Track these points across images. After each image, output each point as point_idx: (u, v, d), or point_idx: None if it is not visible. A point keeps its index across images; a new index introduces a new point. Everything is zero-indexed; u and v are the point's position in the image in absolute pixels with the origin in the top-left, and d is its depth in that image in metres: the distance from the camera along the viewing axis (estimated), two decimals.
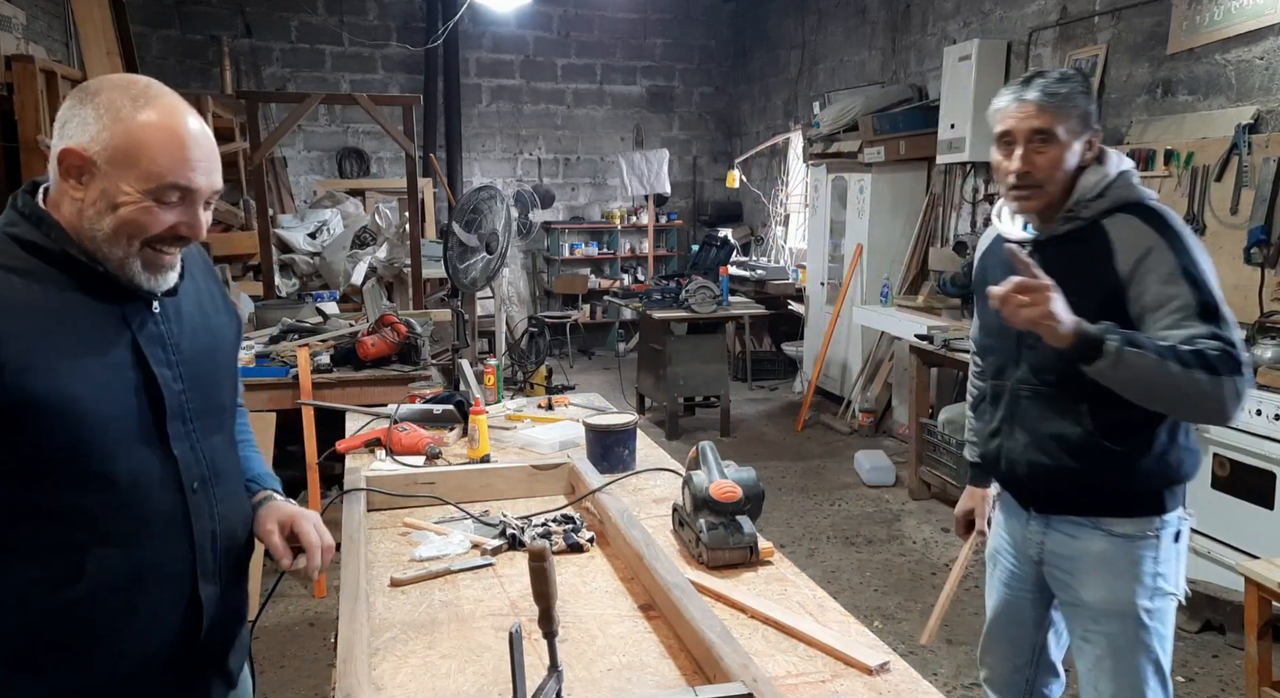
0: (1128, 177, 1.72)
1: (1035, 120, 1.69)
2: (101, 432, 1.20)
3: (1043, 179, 1.70)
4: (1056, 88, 1.69)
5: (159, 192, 1.19)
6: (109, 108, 1.18)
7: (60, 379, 1.16)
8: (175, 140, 1.20)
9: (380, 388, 3.61)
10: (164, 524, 1.28)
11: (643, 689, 1.28)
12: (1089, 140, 1.73)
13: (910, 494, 4.96)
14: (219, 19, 8.33)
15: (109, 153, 1.18)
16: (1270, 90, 3.90)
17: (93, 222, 1.20)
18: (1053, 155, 1.69)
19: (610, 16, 9.50)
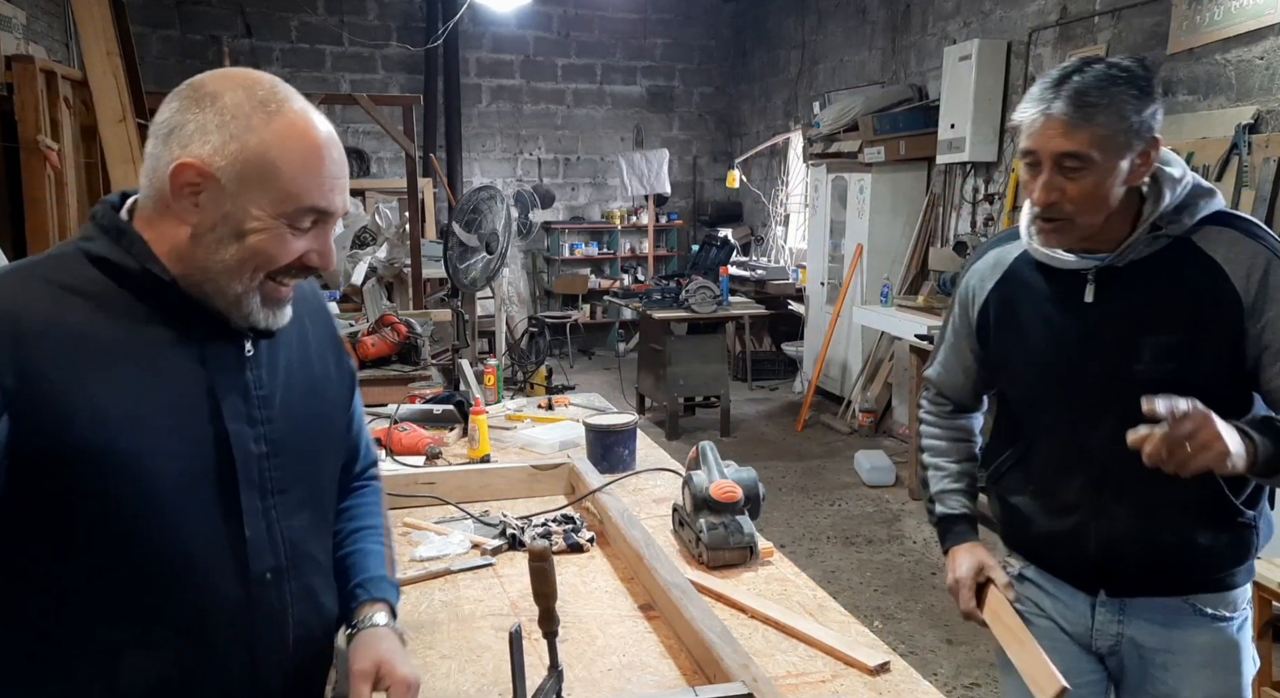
0: (1198, 179, 1.40)
1: (1063, 141, 1.29)
2: (157, 498, 0.97)
3: (1072, 212, 1.34)
4: (1095, 97, 1.28)
5: (295, 216, 1.01)
6: (236, 115, 0.98)
7: (110, 427, 0.94)
8: (314, 155, 1.01)
9: (380, 388, 3.61)
10: (222, 624, 1.03)
11: (643, 689, 1.28)
12: (1144, 152, 1.32)
13: (910, 494, 4.96)
14: (219, 19, 8.33)
15: (238, 169, 0.98)
16: (1270, 90, 3.90)
17: (211, 250, 0.99)
18: (1086, 185, 1.31)
19: (610, 16, 9.50)
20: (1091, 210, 1.34)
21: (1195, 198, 1.37)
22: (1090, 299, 1.41)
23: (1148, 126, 1.31)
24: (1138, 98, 1.30)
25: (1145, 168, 1.34)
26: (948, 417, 1.70)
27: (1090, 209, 1.33)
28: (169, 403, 0.99)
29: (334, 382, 1.21)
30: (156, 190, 1.00)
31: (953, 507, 1.65)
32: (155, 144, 0.99)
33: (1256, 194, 3.79)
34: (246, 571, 1.04)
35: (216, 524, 1.02)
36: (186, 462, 0.99)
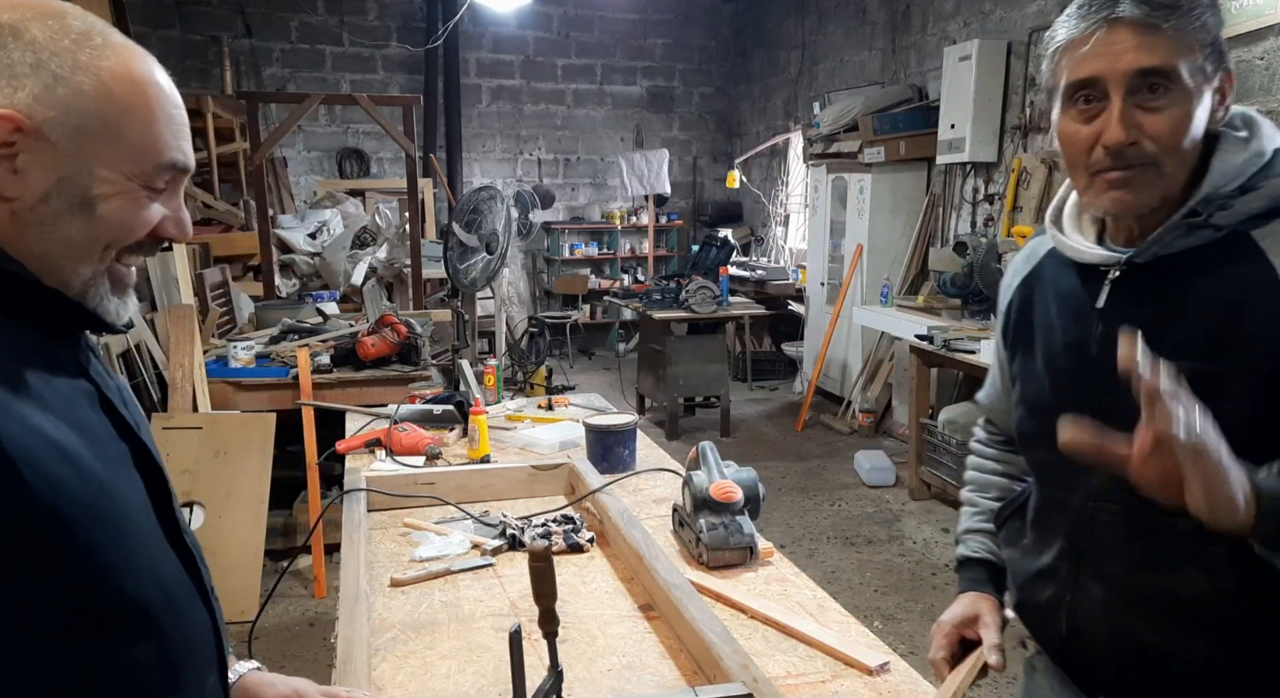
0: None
1: (1140, 55, 0.97)
2: (136, 535, 0.82)
3: (1158, 152, 1.00)
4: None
5: (152, 175, 0.83)
6: (55, 51, 0.77)
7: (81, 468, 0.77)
8: (165, 99, 0.84)
9: (380, 388, 3.62)
10: (204, 653, 0.91)
11: (643, 689, 1.28)
12: (1221, 89, 1.02)
13: (910, 494, 4.96)
14: (219, 19, 8.32)
15: (74, 120, 0.78)
16: (1270, 90, 3.90)
17: (47, 227, 0.79)
18: (1175, 114, 0.99)
19: (610, 16, 9.50)
20: (1182, 155, 1.01)
21: (1272, 178, 1.00)
22: (1101, 304, 1.08)
23: (1226, 51, 1.01)
24: (1213, 6, 1.00)
25: (1222, 109, 1.03)
26: (996, 447, 1.41)
27: (1180, 151, 1.00)
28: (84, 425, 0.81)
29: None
30: None
31: (974, 549, 1.37)
32: None
33: None
34: (203, 588, 0.92)
35: (169, 549, 0.88)
36: (128, 489, 0.84)
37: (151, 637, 0.82)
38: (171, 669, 0.85)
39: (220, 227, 6.26)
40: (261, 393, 3.59)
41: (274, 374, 3.64)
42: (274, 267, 5.50)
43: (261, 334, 4.21)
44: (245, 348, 3.84)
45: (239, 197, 6.66)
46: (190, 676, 0.88)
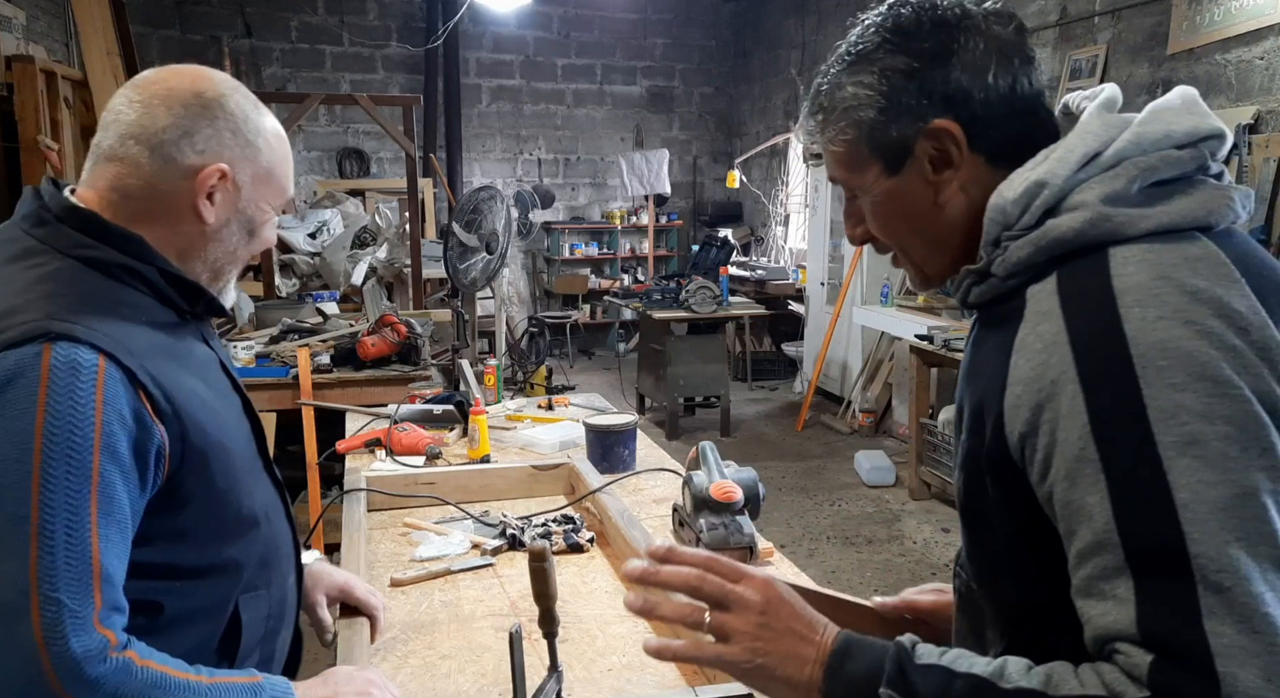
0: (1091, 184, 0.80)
1: (827, 167, 0.95)
2: (244, 467, 1.13)
3: (888, 246, 0.96)
4: (820, 97, 0.91)
5: (285, 205, 1.18)
6: (245, 121, 1.09)
7: (215, 419, 1.07)
8: (289, 152, 1.17)
9: (380, 388, 3.61)
10: (288, 559, 1.23)
11: (643, 689, 1.28)
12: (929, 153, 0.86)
13: (910, 494, 4.96)
14: (219, 19, 8.33)
15: (252, 170, 1.10)
16: (1270, 90, 3.90)
17: (225, 244, 1.11)
18: (870, 216, 0.93)
19: (610, 16, 9.50)
20: (908, 245, 0.93)
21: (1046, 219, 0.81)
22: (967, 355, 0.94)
23: (906, 113, 0.86)
24: (871, 79, 0.87)
25: (955, 173, 0.87)
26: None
27: (906, 244, 0.93)
28: (215, 382, 1.13)
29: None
30: (162, 192, 1.06)
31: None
32: (156, 149, 1.04)
33: (1256, 194, 3.80)
34: (288, 513, 1.25)
35: (266, 478, 1.20)
36: (242, 427, 1.16)
37: (258, 541, 1.14)
38: (266, 568, 1.16)
39: None
40: (261, 393, 3.58)
41: (274, 374, 3.64)
42: (274, 267, 5.50)
43: (261, 334, 4.21)
44: (245, 348, 3.84)
45: None
46: (277, 573, 1.19)
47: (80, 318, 0.95)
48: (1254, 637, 0.66)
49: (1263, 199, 3.77)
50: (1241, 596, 0.66)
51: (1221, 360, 0.70)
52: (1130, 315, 0.72)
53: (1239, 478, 0.68)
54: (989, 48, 0.84)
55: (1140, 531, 0.70)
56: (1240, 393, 0.70)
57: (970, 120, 0.85)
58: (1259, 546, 0.67)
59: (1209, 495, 0.68)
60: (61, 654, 0.87)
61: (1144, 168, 0.79)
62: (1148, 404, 0.70)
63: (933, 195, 0.88)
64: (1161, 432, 0.70)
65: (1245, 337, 0.71)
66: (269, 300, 5.29)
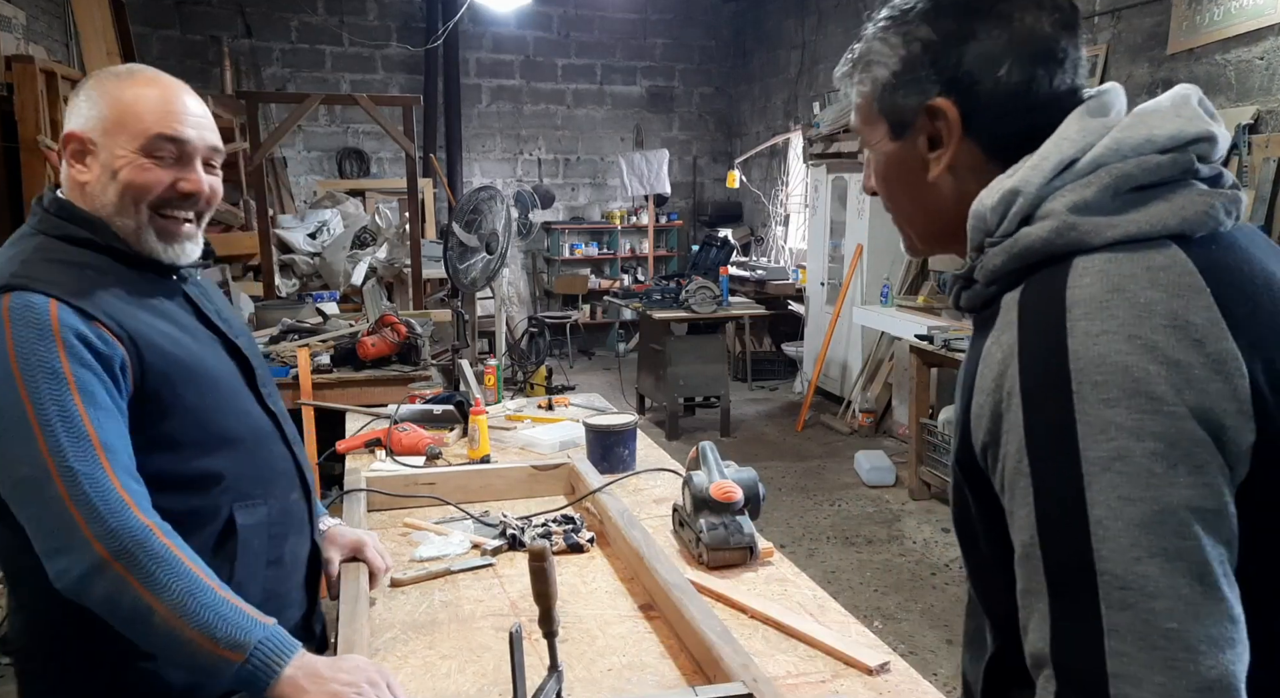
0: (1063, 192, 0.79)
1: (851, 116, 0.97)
2: (224, 392, 1.30)
3: (885, 204, 0.97)
4: (855, 47, 0.94)
5: (150, 146, 1.24)
6: (99, 88, 1.25)
7: (182, 348, 1.25)
8: (159, 96, 1.26)
9: (380, 388, 3.61)
10: (287, 476, 1.38)
11: (643, 689, 1.28)
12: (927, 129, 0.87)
13: (910, 494, 4.96)
14: (219, 19, 8.32)
15: (103, 125, 1.24)
16: (1270, 90, 3.90)
17: (98, 196, 1.25)
18: (873, 172, 0.95)
19: (610, 16, 9.50)
20: (901, 208, 0.95)
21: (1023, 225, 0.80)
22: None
23: (914, 85, 0.86)
24: (898, 39, 0.88)
25: (945, 151, 0.87)
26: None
27: (899, 206, 0.95)
28: (190, 326, 1.31)
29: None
30: (64, 170, 1.27)
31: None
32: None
33: (1256, 195, 3.80)
34: (285, 437, 1.40)
35: (256, 407, 1.36)
36: (223, 363, 1.33)
37: (246, 457, 1.31)
38: (261, 482, 1.33)
39: (220, 227, 6.26)
40: None
41: (274, 374, 3.62)
42: (274, 267, 5.50)
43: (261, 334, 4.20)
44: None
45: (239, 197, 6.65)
46: (276, 488, 1.36)
47: (38, 275, 1.18)
48: (1153, 654, 0.66)
49: (1263, 199, 3.77)
50: (1144, 613, 0.66)
51: (1160, 376, 0.69)
52: (1075, 329, 0.72)
53: (1161, 494, 0.68)
54: (1011, 41, 0.83)
55: (1057, 547, 0.71)
56: (1175, 410, 0.69)
57: (971, 107, 0.84)
58: (1177, 561, 0.67)
59: (1127, 512, 0.68)
60: (87, 506, 1.08)
61: (1119, 175, 0.77)
62: (1078, 419, 0.70)
63: (922, 170, 0.88)
64: (1088, 447, 0.70)
65: (1199, 349, 0.70)
66: (269, 300, 5.29)
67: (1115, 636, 0.67)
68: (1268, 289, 0.76)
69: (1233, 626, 0.68)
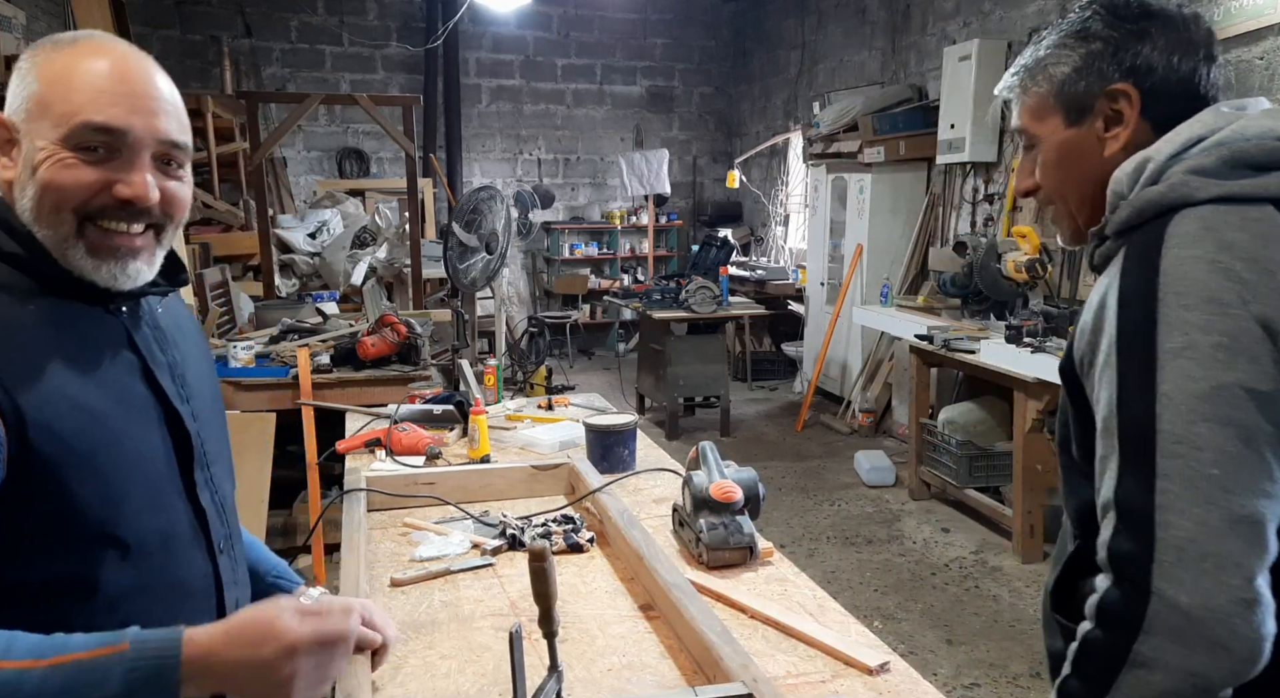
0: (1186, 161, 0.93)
1: (1015, 117, 1.11)
2: (138, 481, 0.97)
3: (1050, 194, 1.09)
4: (1025, 60, 1.09)
5: (76, 135, 0.94)
6: (32, 59, 0.97)
7: (91, 425, 0.93)
8: (94, 72, 0.95)
9: (380, 388, 3.61)
10: (197, 596, 1.05)
11: (643, 689, 1.28)
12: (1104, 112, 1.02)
13: (910, 494, 4.96)
14: (219, 19, 8.32)
15: (27, 106, 0.95)
16: (1270, 90, 3.90)
17: (20, 198, 0.96)
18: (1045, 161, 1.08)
19: (610, 16, 9.50)
20: (1069, 194, 1.07)
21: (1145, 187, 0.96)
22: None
23: (1096, 74, 1.01)
24: (1075, 43, 1.03)
25: (1124, 130, 1.01)
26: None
27: (1067, 193, 1.07)
28: (117, 385, 0.98)
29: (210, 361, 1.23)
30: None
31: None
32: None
33: None
34: (209, 542, 1.07)
35: (180, 500, 1.03)
36: (151, 441, 1.00)
37: (135, 566, 0.96)
38: (153, 601, 0.98)
39: (220, 227, 6.26)
40: (261, 393, 3.58)
41: (274, 374, 3.64)
42: (274, 267, 5.50)
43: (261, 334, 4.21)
44: (245, 348, 3.84)
45: (239, 196, 6.66)
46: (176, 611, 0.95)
47: None
48: (1195, 492, 0.81)
49: None
50: (1192, 461, 0.82)
51: (1230, 290, 0.84)
52: (1168, 254, 0.88)
53: (1221, 374, 0.83)
54: (1179, 37, 0.99)
55: (1128, 416, 0.87)
56: (1241, 313, 0.84)
57: (1148, 90, 1.00)
58: (1227, 425, 0.82)
59: (1189, 387, 0.83)
60: None
61: (1237, 150, 0.92)
62: (1160, 319, 0.86)
63: (1100, 149, 1.03)
64: (1164, 340, 0.85)
65: (1270, 277, 0.85)
66: (269, 300, 5.29)
67: (1165, 478, 0.82)
68: None
69: (1272, 483, 0.82)
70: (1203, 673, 0.80)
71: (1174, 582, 0.80)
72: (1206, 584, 0.80)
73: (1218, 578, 0.79)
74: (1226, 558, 0.80)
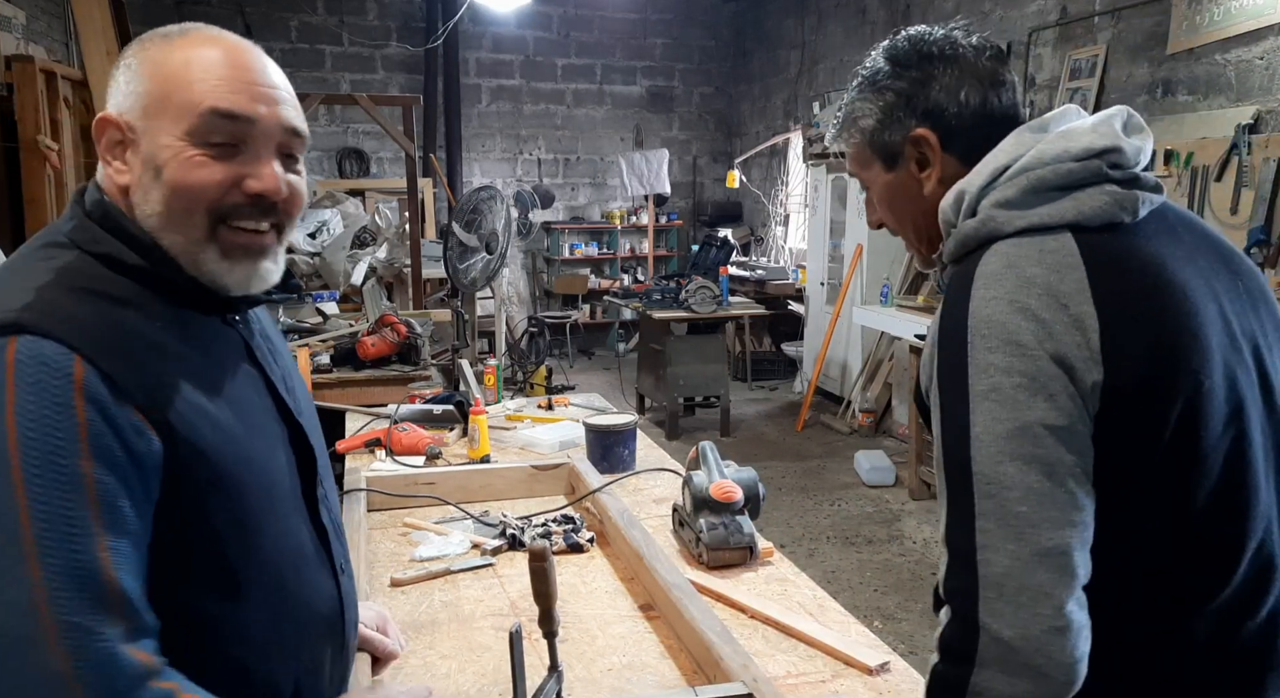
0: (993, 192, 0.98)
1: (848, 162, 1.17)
2: (269, 505, 0.92)
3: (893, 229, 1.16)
4: (840, 111, 1.14)
5: (204, 126, 0.89)
6: (140, 55, 0.92)
7: (231, 443, 0.88)
8: (211, 61, 0.91)
9: (380, 388, 3.61)
10: (324, 619, 1.00)
11: (643, 689, 1.28)
12: (913, 157, 1.06)
13: (910, 494, 4.96)
14: (219, 19, 8.25)
15: (143, 103, 0.90)
16: (1270, 90, 3.90)
17: (142, 203, 0.90)
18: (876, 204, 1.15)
19: (610, 16, 9.50)
20: (905, 228, 1.13)
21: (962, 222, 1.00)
22: None
23: (896, 123, 1.06)
24: (873, 96, 1.08)
25: (934, 169, 1.06)
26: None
27: (904, 227, 1.13)
28: (247, 399, 0.94)
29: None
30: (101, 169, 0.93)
31: None
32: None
33: (1256, 194, 3.80)
34: (332, 563, 1.03)
35: (304, 522, 0.99)
36: (278, 459, 0.96)
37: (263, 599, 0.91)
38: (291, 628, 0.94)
39: None
40: None
41: None
42: None
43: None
44: None
45: None
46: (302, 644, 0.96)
47: (59, 310, 0.81)
48: (1007, 529, 0.87)
49: (1262, 199, 3.77)
50: (1002, 500, 0.87)
51: (1028, 330, 0.89)
52: (975, 295, 0.93)
53: (1021, 415, 0.88)
54: (963, 74, 1.04)
55: (950, 457, 0.92)
56: (1036, 354, 0.89)
57: (945, 130, 1.04)
58: (1031, 462, 0.87)
59: (995, 428, 0.89)
60: (95, 684, 0.74)
61: (1035, 178, 0.96)
62: (969, 361, 0.91)
63: (920, 187, 1.07)
64: (974, 382, 0.90)
65: (1064, 311, 0.89)
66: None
67: (982, 517, 0.88)
68: (1144, 271, 0.93)
69: (1076, 512, 0.88)
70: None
71: (996, 616, 0.86)
72: (1023, 616, 0.85)
73: (1033, 610, 0.85)
74: (1038, 590, 0.85)
